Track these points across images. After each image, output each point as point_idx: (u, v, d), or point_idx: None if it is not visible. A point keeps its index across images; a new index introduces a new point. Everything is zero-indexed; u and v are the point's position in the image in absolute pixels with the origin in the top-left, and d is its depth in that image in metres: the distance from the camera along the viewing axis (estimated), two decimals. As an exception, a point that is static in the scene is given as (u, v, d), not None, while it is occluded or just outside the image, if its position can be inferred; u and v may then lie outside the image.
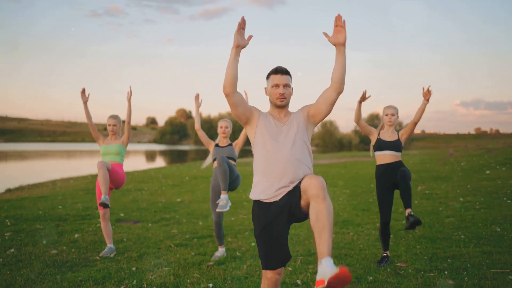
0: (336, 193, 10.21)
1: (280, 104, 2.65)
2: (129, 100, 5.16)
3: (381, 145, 4.41)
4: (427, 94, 4.39)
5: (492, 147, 26.87)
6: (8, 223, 6.61)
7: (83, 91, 5.14)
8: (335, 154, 36.99)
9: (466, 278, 3.74)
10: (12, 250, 4.99)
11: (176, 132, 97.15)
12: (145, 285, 3.74)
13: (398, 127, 5.10)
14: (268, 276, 2.57)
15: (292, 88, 2.73)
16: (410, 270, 4.05)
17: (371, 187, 11.13)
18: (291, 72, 2.71)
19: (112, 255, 4.82)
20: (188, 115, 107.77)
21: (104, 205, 4.59)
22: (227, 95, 2.55)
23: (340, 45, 2.51)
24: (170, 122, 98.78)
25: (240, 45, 2.53)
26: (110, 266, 4.37)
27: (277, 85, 2.64)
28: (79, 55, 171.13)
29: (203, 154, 46.03)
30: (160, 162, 34.06)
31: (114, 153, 5.06)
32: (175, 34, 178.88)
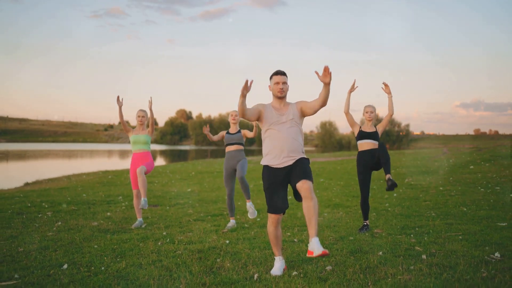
0: (331, 184, 11.28)
1: (280, 95, 3.71)
2: (150, 109, 6.11)
3: (363, 135, 5.52)
4: (387, 88, 5.49)
5: (485, 146, 27.93)
6: (46, 206, 7.67)
7: (118, 98, 6.04)
8: (333, 153, 38.11)
9: (425, 238, 4.81)
10: (60, 223, 6.05)
11: (177, 133, 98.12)
12: (176, 242, 4.82)
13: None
14: (272, 216, 3.69)
15: (288, 85, 3.78)
16: (384, 234, 5.12)
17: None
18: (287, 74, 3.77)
19: (143, 226, 5.88)
20: (188, 116, 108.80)
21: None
22: (243, 117, 3.66)
23: (325, 84, 3.46)
24: (171, 123, 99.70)
25: (245, 96, 3.44)
26: (145, 232, 5.45)
27: (277, 83, 3.70)
28: (80, 56, 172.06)
29: (204, 154, 47.07)
30: (162, 161, 35.07)
31: (142, 142, 6.12)
32: (175, 35, 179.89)
